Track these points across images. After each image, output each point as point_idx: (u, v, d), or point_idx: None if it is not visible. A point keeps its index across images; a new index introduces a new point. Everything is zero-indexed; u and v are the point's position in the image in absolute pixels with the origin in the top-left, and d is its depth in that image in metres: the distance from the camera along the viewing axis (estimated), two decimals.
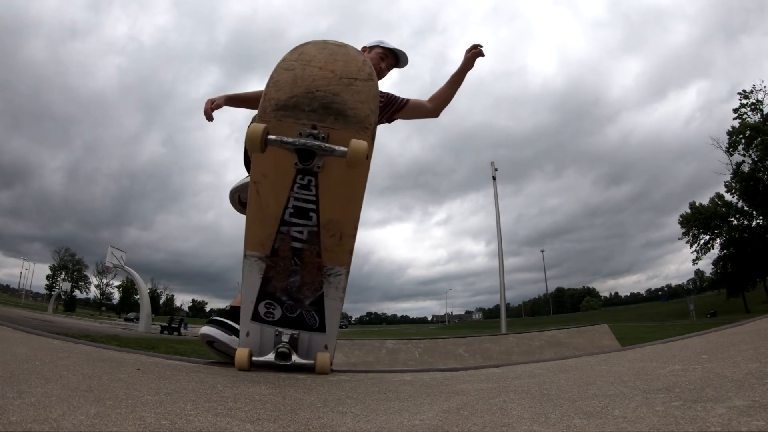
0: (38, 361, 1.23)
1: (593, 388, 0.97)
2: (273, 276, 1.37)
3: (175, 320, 24.01)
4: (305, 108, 1.20)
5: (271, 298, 1.40)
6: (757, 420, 0.61)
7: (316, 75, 1.22)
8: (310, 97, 1.20)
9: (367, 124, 1.24)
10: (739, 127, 40.92)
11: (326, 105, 1.20)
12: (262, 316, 1.43)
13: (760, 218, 43.00)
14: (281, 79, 1.22)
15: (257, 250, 1.34)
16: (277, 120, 1.21)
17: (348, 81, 1.22)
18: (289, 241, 1.32)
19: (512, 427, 0.73)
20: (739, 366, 0.97)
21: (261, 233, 1.31)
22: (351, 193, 1.29)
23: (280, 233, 1.31)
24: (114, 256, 23.50)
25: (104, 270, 33.24)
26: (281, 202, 1.27)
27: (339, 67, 1.22)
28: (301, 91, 1.21)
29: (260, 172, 1.26)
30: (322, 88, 1.21)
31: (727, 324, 2.04)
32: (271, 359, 1.43)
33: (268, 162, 1.24)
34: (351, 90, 1.21)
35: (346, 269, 1.37)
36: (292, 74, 1.22)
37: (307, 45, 1.26)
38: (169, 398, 0.91)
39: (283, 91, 1.21)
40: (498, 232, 18.24)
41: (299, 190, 1.26)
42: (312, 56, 1.24)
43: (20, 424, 0.65)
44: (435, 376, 1.44)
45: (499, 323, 16.94)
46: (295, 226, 1.30)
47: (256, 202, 1.28)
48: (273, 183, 1.26)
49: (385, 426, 0.78)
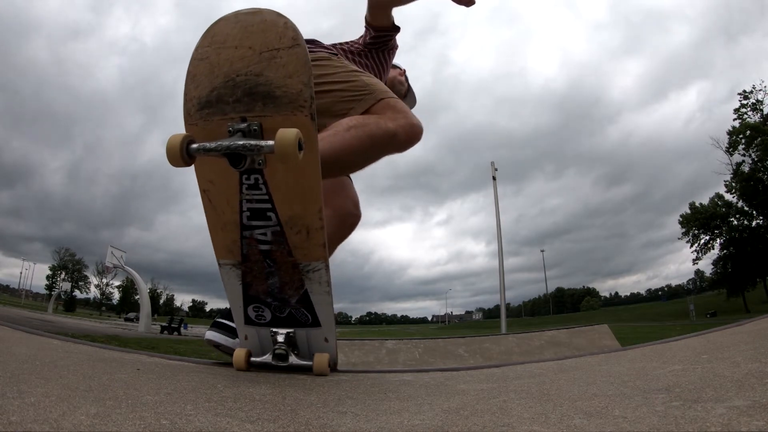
0: (38, 361, 1.23)
1: (593, 388, 0.97)
2: (251, 281, 1.32)
3: (175, 320, 24.03)
4: (229, 99, 1.05)
5: (257, 302, 1.39)
6: (757, 420, 0.61)
7: (233, 57, 1.05)
8: (231, 86, 1.04)
9: (301, 102, 1.06)
10: (739, 127, 40.93)
11: (250, 90, 1.04)
12: (253, 320, 1.43)
13: (760, 218, 42.99)
14: (197, 72, 1.08)
15: (228, 258, 1.29)
16: (204, 120, 1.09)
17: (270, 54, 1.03)
18: (255, 244, 1.25)
19: (512, 427, 0.72)
20: (739, 366, 0.97)
21: (226, 240, 1.26)
22: (305, 184, 1.15)
23: (245, 238, 1.24)
24: (114, 256, 23.50)
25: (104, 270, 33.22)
26: (235, 207, 1.19)
27: (257, 40, 1.04)
28: (220, 81, 1.05)
29: (206, 179, 1.17)
30: (242, 71, 1.05)
31: (727, 324, 2.04)
32: (269, 360, 1.44)
33: (210, 168, 1.14)
34: (275, 64, 1.03)
35: (324, 263, 1.28)
36: (208, 63, 1.07)
37: (218, 23, 1.07)
38: (169, 398, 0.91)
39: (202, 85, 1.07)
40: (498, 232, 18.24)
41: (249, 191, 1.15)
42: (225, 35, 1.06)
43: (20, 424, 0.65)
44: (435, 376, 1.44)
45: (499, 323, 16.94)
46: (257, 229, 1.23)
47: (211, 210, 1.21)
48: (221, 189, 1.18)
49: (385, 426, 0.78)
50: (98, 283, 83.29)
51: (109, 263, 23.30)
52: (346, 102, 1.53)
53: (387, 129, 1.46)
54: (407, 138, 1.52)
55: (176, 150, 1.00)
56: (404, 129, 1.49)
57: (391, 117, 1.49)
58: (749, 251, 43.25)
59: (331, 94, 1.53)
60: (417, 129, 1.54)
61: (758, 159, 39.89)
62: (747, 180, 40.61)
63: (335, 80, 1.57)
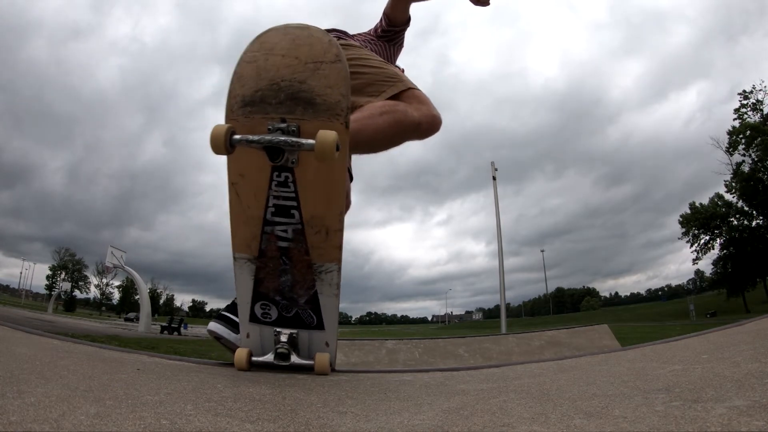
0: (38, 361, 1.23)
1: (593, 388, 0.97)
2: (264, 277, 1.34)
3: (175, 320, 24.03)
4: (272, 101, 1.15)
5: (266, 299, 1.40)
6: (757, 420, 0.61)
7: (280, 63, 1.16)
8: (275, 89, 1.15)
9: (338, 111, 1.17)
10: (739, 127, 40.93)
11: (293, 95, 1.15)
12: (259, 317, 1.44)
13: (760, 218, 42.99)
14: (244, 73, 1.18)
15: (245, 252, 1.33)
16: (245, 117, 1.17)
17: (314, 66, 1.15)
18: (275, 240, 1.30)
19: (512, 427, 0.72)
20: (739, 366, 0.97)
21: (246, 235, 1.30)
22: (331, 187, 1.24)
23: (265, 233, 1.29)
24: (114, 256, 23.50)
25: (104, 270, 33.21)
26: (261, 201, 1.24)
27: (303, 52, 1.16)
28: (265, 84, 1.16)
29: (237, 173, 1.23)
30: (287, 77, 1.15)
31: (727, 324, 2.04)
32: (271, 359, 1.43)
33: (243, 161, 1.21)
34: (318, 75, 1.15)
35: (337, 265, 1.33)
36: (255, 66, 1.17)
37: (268, 32, 1.19)
38: (169, 398, 0.91)
39: (247, 86, 1.17)
40: (498, 232, 18.24)
41: (278, 188, 1.22)
42: (274, 44, 1.18)
43: (20, 424, 0.65)
44: (435, 376, 1.44)
45: (499, 323, 16.94)
46: (279, 225, 1.27)
47: (237, 203, 1.26)
48: (251, 183, 1.24)
49: (385, 426, 0.78)
50: (98, 283, 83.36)
51: (109, 263, 23.30)
52: (378, 86, 1.67)
53: (413, 118, 1.60)
54: (429, 128, 1.69)
55: (221, 139, 1.08)
56: (428, 119, 1.66)
57: (417, 107, 1.64)
58: (749, 251, 43.23)
59: (364, 76, 1.66)
60: (438, 120, 1.71)
61: (758, 159, 39.88)
62: (747, 180, 40.60)
63: (368, 65, 1.72)
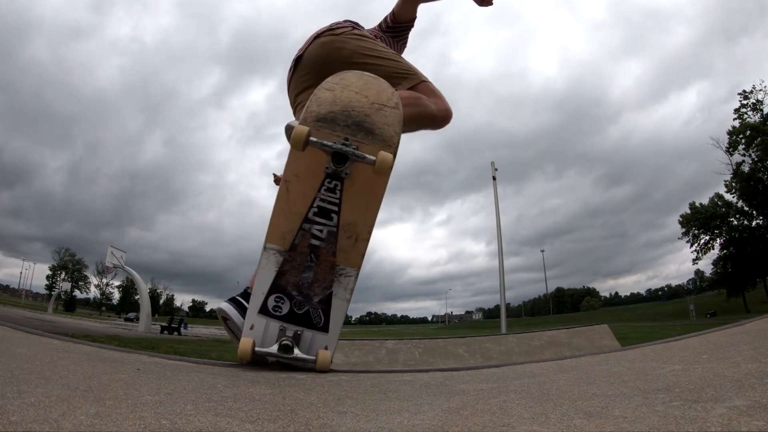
0: (38, 361, 1.23)
1: (593, 388, 0.97)
2: (288, 270, 1.44)
3: (175, 320, 24.01)
4: (341, 123, 1.40)
5: (282, 292, 1.46)
6: (757, 420, 0.61)
7: (353, 97, 1.44)
8: (345, 115, 1.41)
9: (391, 143, 1.44)
10: (739, 127, 40.90)
11: (359, 123, 1.41)
12: (269, 310, 1.48)
13: (760, 218, 42.98)
14: (322, 97, 1.44)
15: (278, 244, 1.44)
16: (316, 129, 1.39)
17: (379, 106, 1.45)
18: (309, 237, 1.43)
19: (512, 427, 0.72)
20: (739, 366, 0.97)
21: (284, 228, 1.43)
22: (370, 201, 1.46)
23: (302, 230, 1.43)
24: (114, 256, 23.50)
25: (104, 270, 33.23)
26: (308, 201, 1.42)
27: (372, 94, 1.46)
28: (338, 109, 1.42)
29: (292, 172, 1.42)
30: (356, 108, 1.43)
31: (727, 324, 2.04)
32: (274, 351, 1.45)
33: (302, 164, 1.41)
34: (380, 114, 1.44)
35: (356, 271, 1.47)
36: (332, 94, 1.44)
37: (347, 72, 1.51)
38: (169, 398, 0.91)
39: (323, 106, 1.42)
40: (498, 233, 18.24)
41: (325, 193, 1.42)
42: (351, 82, 1.47)
43: (20, 424, 0.65)
44: (435, 376, 1.44)
45: (499, 323, 16.94)
46: (317, 225, 1.43)
47: (284, 198, 1.42)
48: (303, 183, 1.42)
49: (385, 426, 0.78)
50: (98, 283, 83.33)
51: (109, 263, 23.30)
52: (396, 77, 1.82)
53: (432, 111, 1.80)
54: (443, 120, 1.88)
55: (302, 137, 1.32)
56: (442, 113, 1.85)
57: (434, 101, 1.82)
58: (749, 251, 43.23)
59: (381, 68, 1.81)
60: (450, 113, 1.89)
61: (758, 159, 39.86)
62: (747, 180, 40.58)
63: (385, 56, 1.88)
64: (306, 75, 1.98)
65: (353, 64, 1.83)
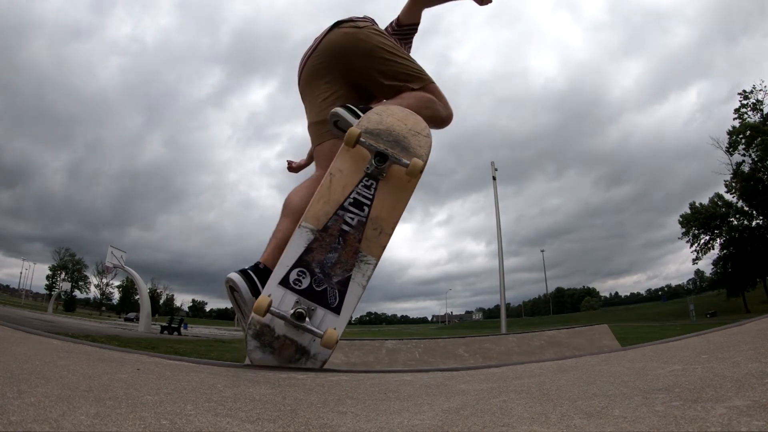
0: (38, 361, 1.23)
1: (593, 388, 0.97)
2: (316, 248, 1.59)
3: (175, 320, 24.00)
4: (383, 138, 1.71)
5: (306, 267, 1.58)
6: (757, 420, 0.61)
7: (395, 123, 1.75)
8: (387, 133, 1.72)
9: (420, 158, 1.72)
10: (740, 127, 40.88)
11: (396, 140, 1.71)
12: (290, 282, 1.57)
13: (760, 218, 42.95)
14: (371, 117, 1.75)
15: (312, 223, 1.62)
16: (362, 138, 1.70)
17: (414, 132, 1.76)
18: (340, 223, 1.62)
19: (512, 427, 0.72)
20: (739, 366, 0.97)
21: (320, 211, 1.62)
22: (398, 202, 1.70)
23: (336, 215, 1.62)
24: (114, 256, 23.50)
25: (104, 270, 33.22)
26: (346, 192, 1.64)
27: (410, 123, 1.77)
28: (383, 128, 1.73)
29: (338, 167, 1.67)
30: (397, 130, 1.73)
31: (727, 324, 2.04)
32: (288, 315, 1.51)
33: (347, 162, 1.67)
34: (415, 138, 1.75)
35: (375, 260, 1.63)
36: (379, 117, 1.76)
37: (392, 105, 1.84)
38: (169, 398, 0.91)
39: (371, 124, 1.73)
40: (498, 233, 18.24)
41: (362, 188, 1.65)
42: (394, 111, 1.79)
43: (20, 424, 0.65)
44: (435, 376, 1.44)
45: (499, 323, 16.94)
46: (350, 213, 1.63)
47: (327, 186, 1.65)
48: (345, 178, 1.65)
49: (385, 426, 0.78)
50: (98, 283, 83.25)
51: (109, 263, 23.30)
52: (408, 76, 1.99)
53: (441, 113, 2.00)
54: (447, 122, 2.06)
55: (355, 136, 1.62)
56: (448, 116, 2.05)
57: (442, 104, 2.01)
58: (749, 251, 43.22)
59: (397, 65, 1.98)
60: (452, 116, 2.07)
61: (758, 159, 39.84)
62: (747, 180, 40.57)
63: (403, 55, 2.02)
64: (322, 61, 2.02)
65: (373, 58, 1.96)
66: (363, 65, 1.98)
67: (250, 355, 1.56)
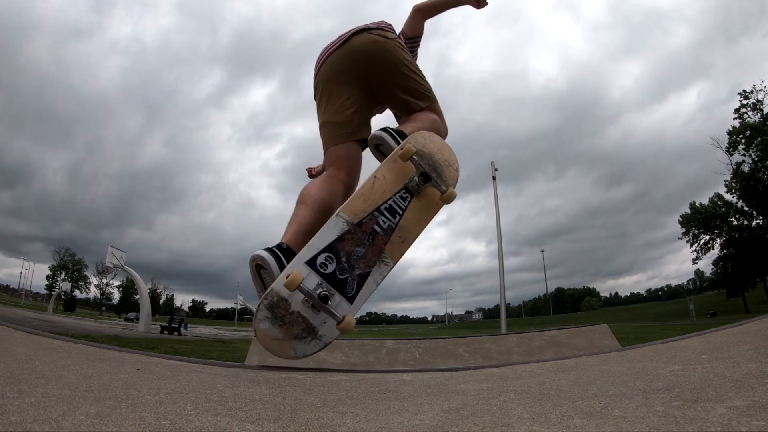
0: (38, 361, 1.23)
1: (593, 388, 0.97)
2: (347, 239, 1.71)
3: (175, 320, 23.97)
4: (425, 161, 1.88)
5: (334, 254, 1.67)
6: (757, 420, 0.61)
7: (435, 151, 1.93)
8: (428, 158, 1.89)
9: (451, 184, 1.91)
10: (740, 127, 40.85)
11: (434, 167, 1.89)
12: (316, 264, 1.63)
13: (760, 218, 42.93)
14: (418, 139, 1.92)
15: (349, 216, 1.73)
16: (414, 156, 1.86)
17: (447, 163, 1.94)
18: (373, 223, 1.75)
19: (512, 427, 0.72)
20: (739, 366, 0.97)
21: (359, 207, 1.76)
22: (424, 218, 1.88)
23: (372, 215, 1.76)
24: (114, 256, 23.48)
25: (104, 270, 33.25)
26: (384, 197, 1.80)
27: (446, 154, 1.96)
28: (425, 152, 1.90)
29: (383, 173, 1.83)
30: (435, 158, 1.91)
31: (727, 324, 2.04)
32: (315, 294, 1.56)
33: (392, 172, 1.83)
34: (448, 169, 1.94)
35: (393, 264, 1.78)
36: (424, 141, 1.92)
37: (435, 135, 1.99)
38: (169, 398, 0.91)
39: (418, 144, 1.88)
40: (498, 233, 18.23)
41: (398, 199, 1.82)
42: (435, 140, 1.97)
43: (20, 424, 0.65)
44: (435, 376, 1.44)
45: (499, 323, 16.93)
46: (383, 216, 1.77)
47: (369, 187, 1.80)
48: (386, 184, 1.81)
49: (385, 426, 0.78)
50: (98, 283, 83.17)
51: (109, 263, 23.28)
52: (420, 93, 2.12)
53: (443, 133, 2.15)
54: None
55: (411, 152, 1.78)
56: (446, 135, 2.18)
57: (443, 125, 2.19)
58: (749, 251, 43.21)
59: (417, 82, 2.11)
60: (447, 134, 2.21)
61: (758, 159, 39.82)
62: (747, 180, 40.56)
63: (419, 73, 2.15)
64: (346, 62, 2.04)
65: (395, 72, 2.05)
66: (385, 76, 2.06)
67: (257, 325, 1.57)
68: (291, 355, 1.60)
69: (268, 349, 1.60)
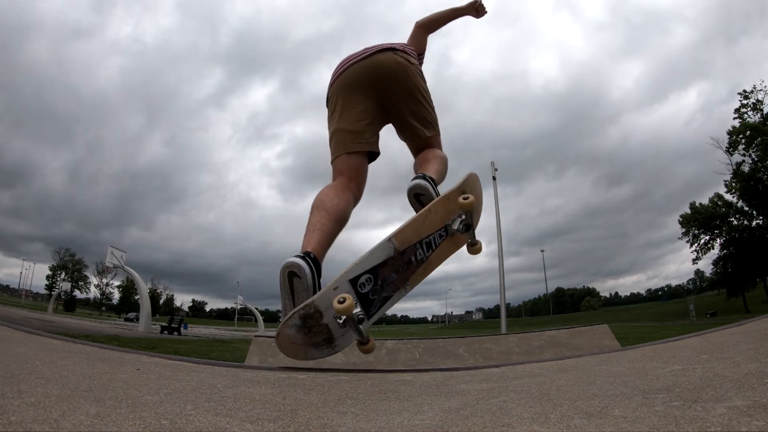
0: (38, 361, 1.23)
1: (593, 388, 0.97)
2: (389, 264, 1.76)
3: (175, 320, 23.99)
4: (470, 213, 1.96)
5: (375, 276, 1.71)
6: (757, 420, 0.61)
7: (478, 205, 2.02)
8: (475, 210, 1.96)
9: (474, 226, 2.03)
10: (740, 127, 40.85)
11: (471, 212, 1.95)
12: (357, 284, 1.65)
13: (760, 218, 42.93)
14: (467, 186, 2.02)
15: (398, 243, 1.78)
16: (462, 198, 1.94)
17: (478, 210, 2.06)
18: (412, 254, 1.81)
19: (512, 427, 0.72)
20: (739, 366, 0.97)
21: (408, 237, 1.81)
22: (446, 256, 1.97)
23: (414, 246, 1.82)
24: (114, 256, 23.48)
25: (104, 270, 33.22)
26: (429, 232, 1.88)
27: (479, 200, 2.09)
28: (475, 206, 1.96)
29: (436, 210, 1.91)
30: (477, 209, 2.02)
31: (727, 324, 2.04)
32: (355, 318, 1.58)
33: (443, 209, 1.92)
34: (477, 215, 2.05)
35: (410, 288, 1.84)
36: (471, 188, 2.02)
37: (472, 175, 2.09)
38: (169, 398, 0.91)
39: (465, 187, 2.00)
40: (498, 233, 18.22)
41: (437, 236, 1.91)
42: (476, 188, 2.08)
43: (20, 424, 0.65)
44: (435, 376, 1.44)
45: (499, 323, 16.93)
46: (421, 249, 1.84)
47: (422, 219, 1.87)
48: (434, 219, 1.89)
49: (385, 426, 0.78)
50: (98, 283, 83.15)
51: (109, 263, 23.28)
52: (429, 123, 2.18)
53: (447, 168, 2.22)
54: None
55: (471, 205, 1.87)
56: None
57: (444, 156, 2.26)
58: (749, 251, 43.22)
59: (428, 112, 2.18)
60: None
61: (758, 159, 39.81)
62: (747, 180, 40.55)
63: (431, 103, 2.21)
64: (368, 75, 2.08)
65: (411, 97, 2.12)
66: (400, 97, 2.11)
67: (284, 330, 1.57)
68: (302, 358, 1.62)
69: (283, 350, 1.61)
